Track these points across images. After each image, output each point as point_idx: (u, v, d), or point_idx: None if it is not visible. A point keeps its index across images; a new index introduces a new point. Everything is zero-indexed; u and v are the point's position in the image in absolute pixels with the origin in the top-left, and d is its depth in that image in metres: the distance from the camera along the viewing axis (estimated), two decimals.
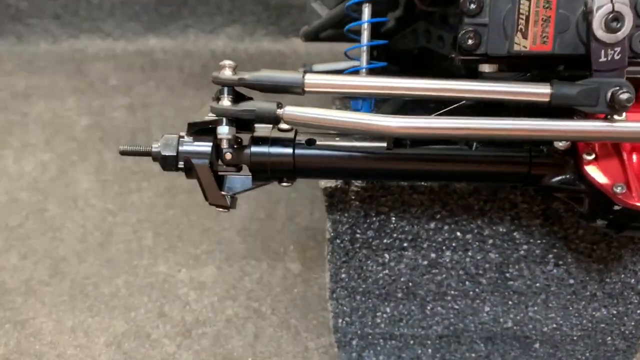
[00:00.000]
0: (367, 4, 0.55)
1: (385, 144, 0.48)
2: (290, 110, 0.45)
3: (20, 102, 1.35)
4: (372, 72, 0.55)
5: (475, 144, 0.49)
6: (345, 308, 0.68)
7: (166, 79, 1.46)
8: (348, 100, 0.71)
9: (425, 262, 0.64)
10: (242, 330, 0.79)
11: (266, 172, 0.50)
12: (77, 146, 1.18)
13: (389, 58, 0.77)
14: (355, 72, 0.56)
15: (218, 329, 0.79)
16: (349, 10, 0.57)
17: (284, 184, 0.51)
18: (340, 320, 0.69)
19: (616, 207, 0.46)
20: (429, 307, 0.67)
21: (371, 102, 0.56)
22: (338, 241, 0.63)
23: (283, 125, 0.50)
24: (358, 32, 0.57)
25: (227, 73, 0.47)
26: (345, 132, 0.47)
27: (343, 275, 0.66)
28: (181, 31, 1.63)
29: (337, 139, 0.50)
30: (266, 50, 1.59)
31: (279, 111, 0.45)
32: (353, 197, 0.61)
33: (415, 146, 0.49)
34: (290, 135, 0.50)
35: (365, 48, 0.55)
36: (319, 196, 1.06)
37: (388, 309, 0.67)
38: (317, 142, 0.50)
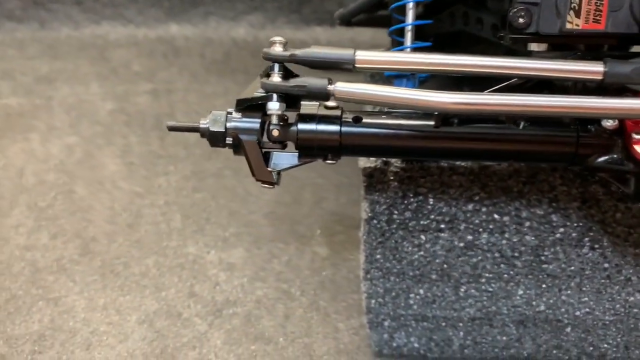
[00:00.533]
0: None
1: (432, 122, 0.49)
2: (342, 87, 0.45)
3: (44, 86, 1.36)
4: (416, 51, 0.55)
5: (522, 123, 0.49)
6: (378, 289, 0.68)
7: (188, 66, 1.47)
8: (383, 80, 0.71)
9: (462, 244, 0.64)
10: (273, 311, 0.80)
11: (313, 150, 0.50)
12: (103, 130, 1.19)
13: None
14: (399, 51, 0.56)
15: (249, 309, 0.80)
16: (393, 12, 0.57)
17: (329, 161, 0.52)
18: (373, 301, 0.69)
19: None
20: (462, 289, 0.67)
21: (415, 82, 0.56)
22: (375, 221, 0.64)
23: (329, 103, 0.50)
24: (401, 12, 0.57)
25: (277, 49, 0.47)
26: (397, 108, 0.47)
27: (378, 256, 0.66)
28: (202, 18, 1.64)
29: (384, 116, 0.50)
30: (288, 39, 1.59)
31: (330, 87, 0.46)
32: (392, 178, 0.61)
33: (462, 125, 0.49)
34: (337, 112, 0.50)
35: (410, 27, 0.55)
36: (344, 182, 1.07)
37: (421, 291, 0.68)
38: (364, 120, 0.50)
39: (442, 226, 0.63)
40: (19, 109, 1.26)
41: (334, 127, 0.49)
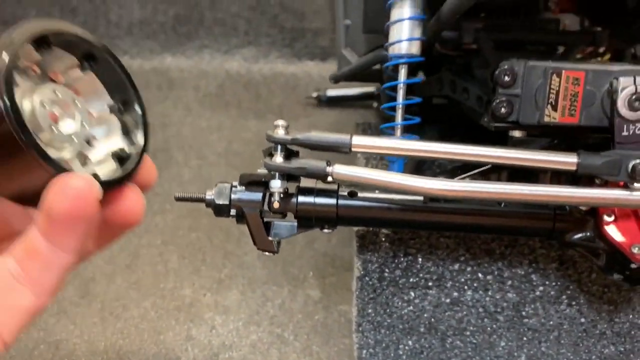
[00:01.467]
0: (403, 65, 0.59)
1: (422, 198, 0.53)
2: (339, 170, 0.49)
3: None
4: (407, 127, 0.60)
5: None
6: (370, 340, 0.72)
7: (183, 99, 1.50)
8: None
9: (448, 300, 0.68)
10: (267, 356, 0.83)
11: (311, 220, 0.54)
12: None
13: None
14: (391, 126, 0.60)
15: (244, 354, 0.83)
16: (389, 71, 0.62)
17: (325, 230, 0.55)
18: (364, 352, 0.73)
19: (633, 265, 0.51)
20: (449, 341, 0.71)
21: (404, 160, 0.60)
22: (367, 279, 0.68)
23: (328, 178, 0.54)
24: (393, 89, 0.62)
25: (280, 132, 0.51)
26: (389, 191, 0.51)
27: (369, 311, 0.70)
28: (197, 51, 1.67)
29: (377, 191, 0.54)
30: (280, 72, 1.64)
31: (329, 169, 0.50)
32: (383, 239, 0.65)
33: (449, 201, 0.53)
34: (334, 187, 0.54)
35: (400, 106, 0.59)
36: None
37: (410, 342, 0.71)
38: (359, 195, 0.54)
39: (430, 284, 0.67)
40: None
41: (331, 201, 0.53)
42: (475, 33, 0.65)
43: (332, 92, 1.46)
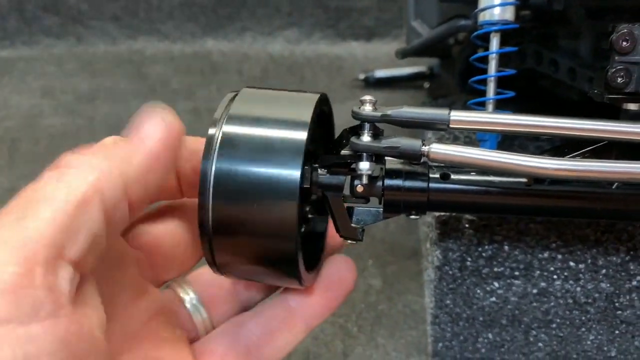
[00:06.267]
0: (496, 34, 0.54)
1: (524, 180, 0.48)
2: (437, 148, 0.44)
3: (85, 105, 1.36)
4: (499, 102, 0.54)
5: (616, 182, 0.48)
6: (447, 333, 0.67)
7: (227, 83, 1.46)
8: None
9: (535, 291, 0.63)
10: (331, 348, 0.79)
11: (399, 206, 0.49)
12: None
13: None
14: (481, 102, 0.55)
15: (306, 345, 0.79)
16: (475, 39, 0.56)
17: (413, 216, 0.51)
18: (440, 345, 0.68)
19: None
20: (532, 334, 0.66)
21: (498, 135, 0.55)
22: (447, 268, 0.63)
23: None
24: (482, 60, 0.56)
25: (368, 109, 0.46)
26: (496, 173, 0.46)
27: (448, 302, 0.65)
28: (238, 34, 1.63)
29: (473, 173, 0.49)
30: (323, 54, 1.59)
31: (424, 148, 0.45)
32: (467, 226, 0.60)
33: (554, 183, 0.48)
34: (424, 168, 0.49)
35: (493, 79, 0.54)
36: None
37: (490, 335, 0.67)
38: (452, 177, 0.49)
39: (517, 273, 0.62)
40: (62, 130, 1.26)
41: (422, 184, 0.48)
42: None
43: (380, 73, 1.41)
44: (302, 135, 0.39)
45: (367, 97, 0.47)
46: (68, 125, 1.28)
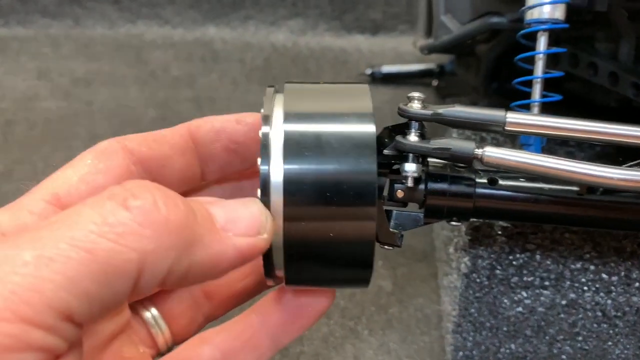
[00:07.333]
0: (544, 33, 0.51)
1: (576, 189, 0.45)
2: (492, 152, 0.42)
3: (82, 89, 1.31)
4: (544, 106, 0.52)
5: None
6: (468, 342, 0.65)
7: (228, 72, 1.42)
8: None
9: (564, 302, 0.61)
10: (341, 351, 0.76)
11: (442, 212, 0.46)
12: None
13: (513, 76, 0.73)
14: (525, 105, 0.52)
15: (315, 348, 0.77)
16: (520, 38, 0.54)
17: (454, 223, 0.48)
18: (460, 354, 0.66)
19: None
20: (557, 346, 0.64)
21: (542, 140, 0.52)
22: (474, 276, 0.60)
23: None
24: (528, 61, 0.54)
25: (416, 106, 0.43)
26: (555, 181, 0.44)
27: (472, 311, 0.63)
28: (241, 22, 1.59)
29: (522, 179, 0.46)
30: (328, 47, 1.55)
31: (478, 151, 0.42)
32: (500, 233, 0.58)
33: (607, 193, 0.45)
34: (469, 173, 0.46)
35: (539, 80, 0.51)
36: None
37: (513, 346, 0.64)
38: (499, 182, 0.46)
39: (547, 283, 0.60)
40: (59, 113, 1.22)
41: (468, 189, 0.45)
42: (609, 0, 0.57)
43: (388, 68, 1.38)
44: (370, 128, 0.36)
45: (416, 94, 0.44)
46: (65, 109, 1.23)
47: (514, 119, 0.42)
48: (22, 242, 0.28)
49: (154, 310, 0.44)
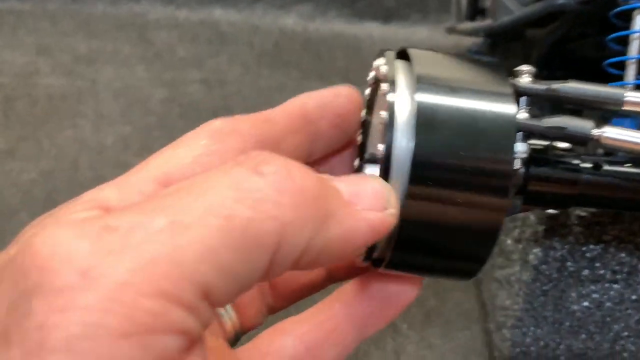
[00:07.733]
0: (639, 12, 0.48)
1: None
2: (612, 133, 0.38)
3: (85, 67, 1.25)
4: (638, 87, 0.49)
5: None
6: (527, 338, 0.62)
7: (238, 55, 1.37)
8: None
9: (634, 297, 0.58)
10: (381, 345, 0.73)
11: (544, 198, 0.42)
12: (157, 121, 1.10)
13: (564, 64, 0.70)
14: (617, 86, 0.49)
15: None
16: (614, 18, 0.50)
17: (551, 210, 0.44)
18: (517, 350, 0.62)
19: None
20: (620, 343, 0.61)
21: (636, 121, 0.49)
22: (544, 267, 0.57)
23: (561, 144, 0.43)
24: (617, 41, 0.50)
25: (526, 80, 0.39)
26: None
27: (536, 304, 0.59)
28: (249, 4, 1.54)
29: (627, 165, 0.43)
30: (339, 33, 1.51)
31: (595, 132, 0.38)
32: (576, 222, 0.54)
33: None
34: (573, 156, 0.43)
35: (634, 61, 0.48)
36: None
37: (575, 342, 0.61)
38: (604, 167, 0.43)
39: (618, 277, 0.57)
40: (62, 91, 1.15)
41: (574, 175, 0.42)
42: None
43: None
44: (511, 109, 0.32)
45: (525, 67, 0.40)
46: (68, 87, 1.17)
47: (634, 98, 0.39)
48: (150, 209, 0.24)
49: None
